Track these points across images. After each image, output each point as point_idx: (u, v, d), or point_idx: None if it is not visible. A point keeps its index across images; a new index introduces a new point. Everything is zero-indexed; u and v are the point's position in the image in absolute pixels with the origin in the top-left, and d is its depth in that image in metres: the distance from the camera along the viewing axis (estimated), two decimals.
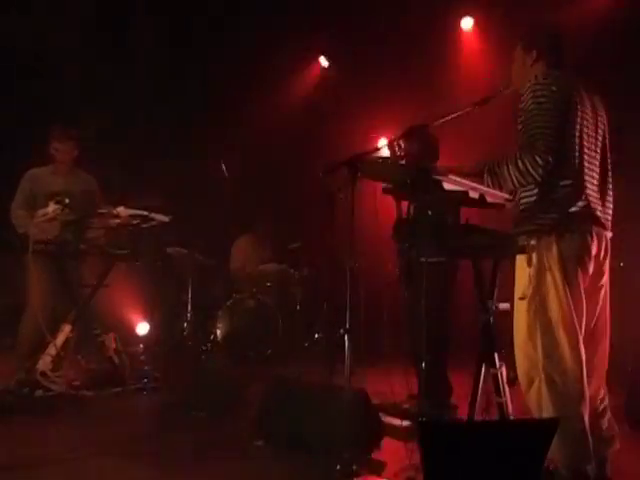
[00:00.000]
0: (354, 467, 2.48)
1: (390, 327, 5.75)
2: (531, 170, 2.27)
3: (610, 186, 2.52)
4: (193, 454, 2.92)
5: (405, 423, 3.14)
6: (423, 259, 3.28)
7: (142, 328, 5.66)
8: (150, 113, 6.07)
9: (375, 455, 2.76)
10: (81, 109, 5.54)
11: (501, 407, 2.63)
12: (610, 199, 2.50)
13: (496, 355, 2.63)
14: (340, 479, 2.43)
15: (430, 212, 2.37)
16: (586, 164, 2.40)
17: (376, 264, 5.43)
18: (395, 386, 3.19)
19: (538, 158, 2.26)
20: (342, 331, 2.58)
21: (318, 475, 2.58)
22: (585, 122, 2.42)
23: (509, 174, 2.32)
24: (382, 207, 3.31)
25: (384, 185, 2.67)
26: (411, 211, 3.36)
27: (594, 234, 2.38)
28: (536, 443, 1.49)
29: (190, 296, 5.67)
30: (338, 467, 2.47)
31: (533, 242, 2.36)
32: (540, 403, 2.35)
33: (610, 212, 2.50)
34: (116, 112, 5.77)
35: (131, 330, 5.57)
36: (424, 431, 1.36)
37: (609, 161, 2.53)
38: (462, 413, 2.92)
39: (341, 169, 2.57)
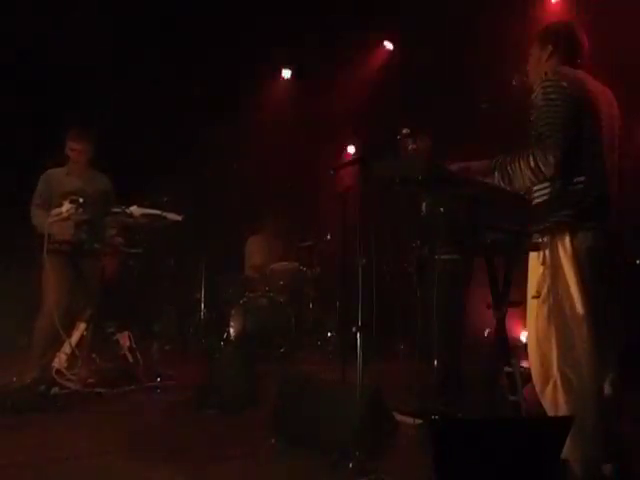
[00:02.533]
0: (366, 465, 2.47)
1: (404, 325, 5.74)
2: (542, 168, 2.25)
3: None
4: (206, 452, 2.93)
5: (418, 421, 3.12)
6: (437, 256, 3.28)
7: (156, 326, 5.70)
8: (162, 111, 6.10)
9: (388, 453, 2.75)
10: (95, 108, 5.59)
11: (515, 405, 2.61)
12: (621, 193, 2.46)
13: (511, 353, 2.61)
14: (352, 477, 2.43)
15: (442, 209, 2.34)
16: (601, 159, 2.37)
17: (389, 262, 5.41)
18: (409, 384, 3.18)
19: (549, 156, 2.24)
20: (354, 329, 2.57)
21: (330, 473, 2.57)
22: (599, 118, 2.38)
23: (521, 172, 2.30)
24: (394, 204, 3.32)
25: (396, 182, 2.65)
26: (424, 208, 3.34)
27: (608, 230, 2.35)
28: (550, 441, 1.46)
29: (203, 294, 5.70)
30: (350, 465, 2.47)
31: (546, 239, 2.33)
32: (556, 403, 2.32)
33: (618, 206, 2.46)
34: (128, 111, 5.81)
35: (145, 328, 5.60)
36: (435, 429, 1.35)
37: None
38: (476, 411, 2.90)
39: (353, 166, 2.57)
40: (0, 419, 3.35)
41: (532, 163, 2.26)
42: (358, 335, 2.56)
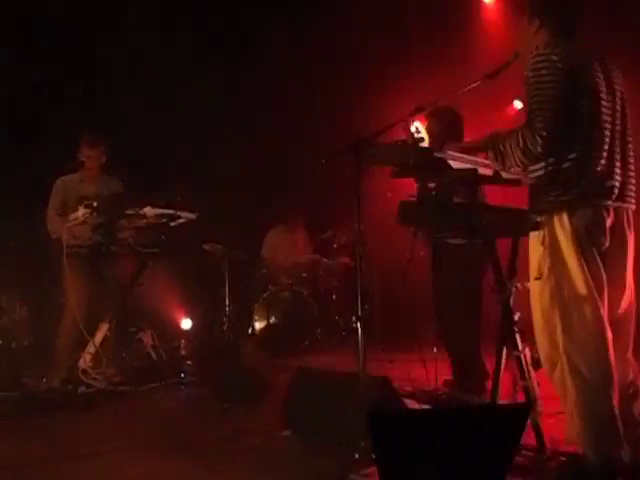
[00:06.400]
0: (372, 455, 2.44)
1: (423, 312, 5.65)
2: (531, 147, 2.18)
3: (631, 156, 2.36)
4: (221, 445, 2.96)
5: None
6: (447, 241, 3.21)
7: (185, 323, 5.79)
8: (175, 106, 6.15)
9: None
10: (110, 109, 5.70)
11: (527, 390, 2.53)
12: (632, 170, 2.35)
13: (518, 337, 2.53)
14: (357, 468, 2.41)
15: (435, 193, 2.28)
16: (599, 135, 2.25)
17: (402, 249, 5.30)
18: (430, 372, 3.12)
19: (537, 136, 2.16)
20: (354, 318, 2.53)
21: (338, 464, 2.55)
22: (596, 91, 2.26)
23: (512, 152, 2.24)
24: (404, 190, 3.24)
25: (392, 168, 2.61)
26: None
27: (610, 208, 2.24)
28: (503, 431, 1.39)
29: (227, 290, 5.75)
30: (357, 456, 2.44)
31: (545, 218, 2.25)
32: (564, 386, 2.25)
33: (633, 183, 2.34)
34: (144, 110, 5.89)
35: (174, 326, 5.70)
36: (374, 423, 1.29)
37: (629, 131, 2.37)
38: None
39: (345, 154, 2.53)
40: (31, 418, 3.48)
41: (521, 143, 2.19)
42: (358, 324, 2.52)
